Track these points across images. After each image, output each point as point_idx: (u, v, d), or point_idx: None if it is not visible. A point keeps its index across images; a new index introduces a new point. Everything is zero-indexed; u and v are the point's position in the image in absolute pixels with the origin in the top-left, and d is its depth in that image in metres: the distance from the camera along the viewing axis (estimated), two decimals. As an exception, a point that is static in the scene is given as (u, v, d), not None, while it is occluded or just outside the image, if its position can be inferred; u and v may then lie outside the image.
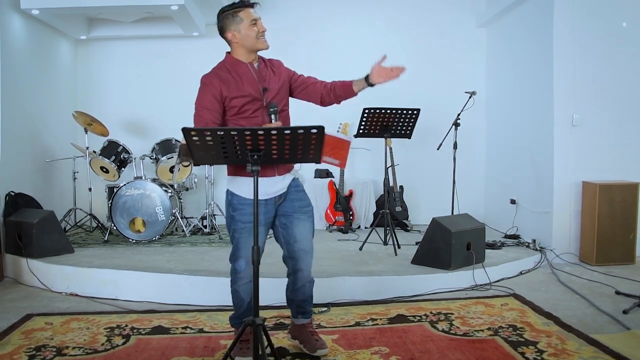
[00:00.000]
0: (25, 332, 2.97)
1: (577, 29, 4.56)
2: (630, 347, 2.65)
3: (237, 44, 2.51)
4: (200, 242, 4.88)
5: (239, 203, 2.49)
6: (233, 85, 2.44)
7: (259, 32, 2.48)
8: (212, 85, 2.44)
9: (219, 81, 2.44)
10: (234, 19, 2.47)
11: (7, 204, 4.45)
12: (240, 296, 2.62)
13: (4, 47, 4.54)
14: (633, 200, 4.42)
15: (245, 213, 2.46)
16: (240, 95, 2.44)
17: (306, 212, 2.58)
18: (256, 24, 2.48)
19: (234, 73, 2.48)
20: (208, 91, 2.44)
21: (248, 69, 2.51)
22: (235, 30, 2.48)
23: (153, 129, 6.00)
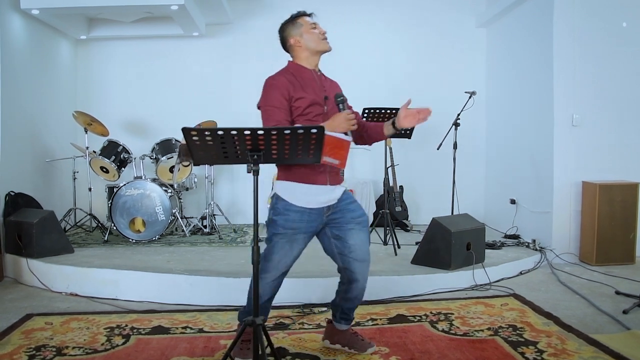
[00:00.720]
0: (25, 332, 2.97)
1: (577, 29, 4.56)
2: (630, 347, 2.65)
3: (301, 47, 2.52)
4: (200, 242, 4.88)
5: (284, 208, 2.41)
6: (298, 87, 2.44)
7: (321, 34, 2.54)
8: (280, 85, 2.42)
9: (286, 81, 2.43)
10: (294, 25, 2.54)
11: (7, 203, 4.45)
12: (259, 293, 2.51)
13: (4, 47, 4.54)
14: (633, 200, 4.42)
15: (289, 219, 2.40)
16: (304, 97, 2.43)
17: (360, 222, 2.53)
18: (316, 27, 2.55)
19: (299, 77, 2.48)
20: (276, 90, 2.41)
21: (312, 74, 2.52)
22: (297, 36, 2.52)
23: (153, 128, 6.00)
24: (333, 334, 2.73)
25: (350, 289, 2.58)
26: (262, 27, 6.05)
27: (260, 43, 6.07)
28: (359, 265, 2.52)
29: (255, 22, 6.06)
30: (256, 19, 6.06)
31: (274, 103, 2.40)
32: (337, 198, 2.48)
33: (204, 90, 6.08)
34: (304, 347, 2.77)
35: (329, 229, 2.51)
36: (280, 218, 2.41)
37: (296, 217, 2.40)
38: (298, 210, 2.40)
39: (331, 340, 2.74)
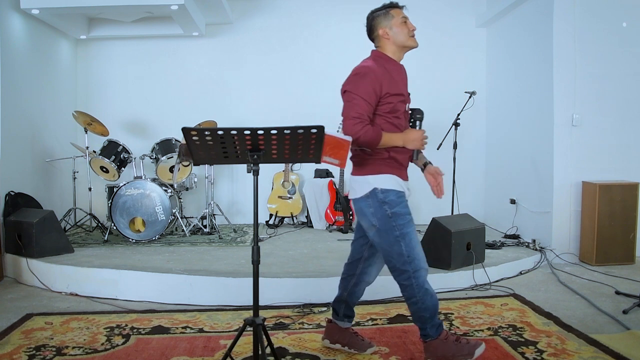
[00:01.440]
0: (25, 332, 2.97)
1: (577, 29, 4.56)
2: (630, 347, 2.65)
3: (388, 40, 2.47)
4: (200, 242, 4.88)
5: (398, 197, 2.44)
6: (391, 82, 2.39)
7: (410, 30, 2.49)
8: (376, 78, 2.34)
9: (381, 73, 2.37)
10: (385, 16, 2.48)
11: (7, 203, 4.45)
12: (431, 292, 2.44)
13: (4, 47, 4.54)
14: (633, 200, 4.42)
15: (406, 205, 2.46)
16: (396, 93, 2.40)
17: None
18: (406, 22, 2.50)
19: (390, 69, 2.43)
20: (369, 82, 2.33)
21: (400, 68, 2.49)
22: (387, 27, 2.47)
23: (153, 128, 6.01)
24: (333, 333, 2.74)
25: (360, 281, 2.63)
26: (262, 27, 6.06)
27: (260, 43, 6.08)
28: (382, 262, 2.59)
29: (255, 22, 6.06)
30: (256, 19, 6.06)
31: (363, 94, 2.33)
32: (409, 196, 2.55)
33: (204, 90, 6.08)
34: (304, 347, 2.77)
35: None
36: (400, 207, 2.43)
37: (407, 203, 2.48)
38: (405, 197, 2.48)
39: (331, 340, 2.74)
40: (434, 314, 2.44)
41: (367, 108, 2.33)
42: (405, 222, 2.41)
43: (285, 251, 4.52)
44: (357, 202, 2.50)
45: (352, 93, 2.35)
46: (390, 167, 2.46)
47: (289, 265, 4.00)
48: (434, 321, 2.44)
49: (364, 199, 2.45)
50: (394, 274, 2.46)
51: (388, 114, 2.41)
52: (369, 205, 2.44)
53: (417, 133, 2.42)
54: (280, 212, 5.82)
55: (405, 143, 2.41)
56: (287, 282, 3.57)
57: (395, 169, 2.48)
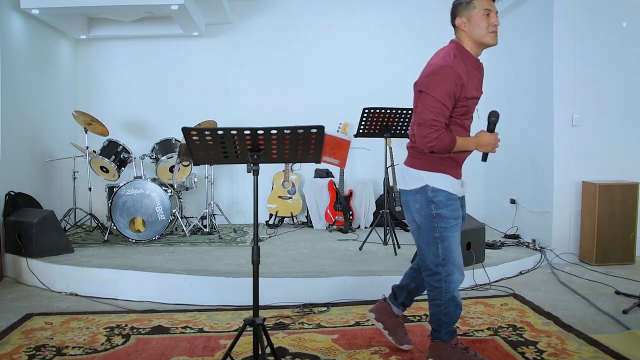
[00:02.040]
0: (25, 332, 2.97)
1: (577, 29, 4.56)
2: (630, 347, 2.65)
3: (465, 33, 2.29)
4: (200, 241, 4.88)
5: (448, 199, 2.31)
6: (470, 84, 2.24)
7: (491, 25, 2.25)
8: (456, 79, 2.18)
9: (460, 75, 2.20)
10: (467, 5, 2.26)
11: (7, 203, 4.45)
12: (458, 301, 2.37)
13: (4, 47, 4.54)
14: (633, 200, 4.42)
15: (455, 208, 2.33)
16: (473, 96, 2.28)
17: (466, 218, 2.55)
18: (489, 15, 2.24)
19: (469, 68, 2.26)
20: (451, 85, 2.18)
21: (479, 66, 2.32)
22: (465, 17, 2.27)
23: (153, 128, 6.01)
24: (382, 313, 2.71)
25: None
26: (262, 27, 6.06)
27: (260, 43, 6.08)
28: None
29: (256, 22, 6.06)
30: (256, 19, 6.06)
31: (440, 97, 2.18)
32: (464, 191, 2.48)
33: (204, 90, 6.08)
34: (304, 347, 2.77)
35: None
36: (447, 210, 2.31)
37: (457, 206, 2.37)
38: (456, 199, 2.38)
39: (377, 317, 2.72)
40: (452, 321, 2.40)
41: (444, 112, 2.20)
42: (448, 225, 2.32)
43: (285, 251, 4.52)
44: (405, 194, 2.44)
45: (429, 95, 2.20)
46: (446, 165, 2.35)
47: (289, 265, 4.00)
48: (451, 327, 2.42)
49: (412, 193, 2.37)
50: (426, 273, 2.42)
51: (460, 116, 2.31)
52: (415, 201, 2.36)
53: (490, 137, 2.30)
54: (280, 212, 5.82)
55: (478, 147, 2.32)
56: (287, 282, 3.57)
57: (451, 167, 2.38)
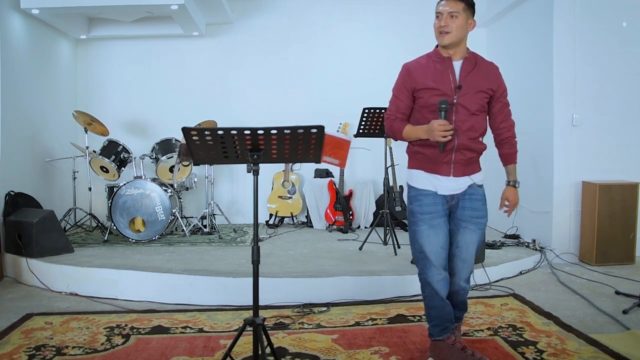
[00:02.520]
0: (25, 332, 2.97)
1: (577, 29, 4.56)
2: (629, 347, 2.65)
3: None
4: (200, 241, 4.88)
5: (417, 194, 2.47)
6: (427, 77, 2.41)
7: (438, 26, 2.47)
8: (404, 74, 2.47)
9: (412, 71, 2.45)
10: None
11: (7, 203, 4.45)
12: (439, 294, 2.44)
13: (4, 47, 4.54)
14: (633, 200, 4.42)
15: (423, 204, 2.43)
16: (428, 88, 2.39)
17: (477, 223, 2.49)
18: (438, 17, 2.47)
19: (433, 65, 2.45)
20: (400, 79, 2.48)
21: (446, 63, 2.46)
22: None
23: (153, 128, 6.01)
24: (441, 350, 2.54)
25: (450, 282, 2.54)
26: (262, 26, 6.06)
27: (260, 43, 6.08)
28: (459, 262, 2.49)
29: (256, 22, 6.06)
30: (256, 18, 6.06)
31: (396, 91, 2.49)
32: (461, 189, 2.47)
33: (204, 90, 6.08)
34: (304, 347, 2.77)
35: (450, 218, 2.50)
36: (415, 205, 2.46)
37: (430, 201, 2.43)
38: (430, 194, 2.44)
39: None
40: (439, 316, 2.47)
41: (396, 103, 2.48)
42: (415, 220, 2.46)
43: (285, 251, 4.52)
44: None
45: (393, 90, 2.52)
46: (418, 161, 2.50)
47: (288, 265, 4.00)
48: (440, 323, 2.48)
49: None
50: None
51: (422, 108, 2.44)
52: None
53: (434, 124, 2.33)
54: (280, 212, 5.82)
55: (427, 134, 2.36)
56: (287, 282, 3.57)
57: (424, 162, 2.46)
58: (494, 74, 2.60)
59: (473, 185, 2.50)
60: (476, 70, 2.49)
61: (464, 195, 2.48)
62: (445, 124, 2.31)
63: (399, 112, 2.48)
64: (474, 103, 2.42)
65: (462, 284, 2.54)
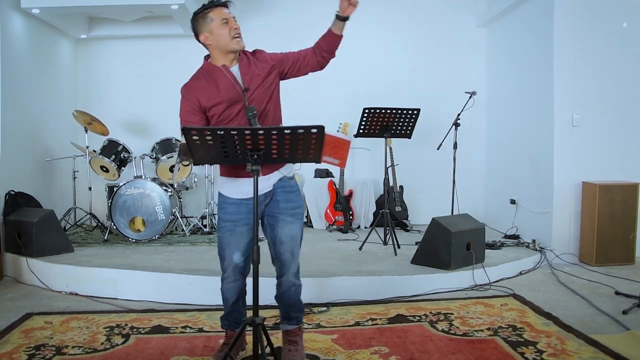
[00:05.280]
0: (24, 331, 2.97)
1: (577, 29, 4.56)
2: (629, 348, 2.65)
3: (211, 46, 2.41)
4: (200, 241, 4.88)
5: (222, 202, 2.47)
6: (211, 93, 2.35)
7: (232, 30, 2.36)
8: (189, 97, 2.38)
9: (195, 91, 2.37)
10: (204, 20, 2.36)
11: (7, 203, 4.45)
12: (224, 296, 2.55)
13: (4, 46, 4.54)
14: (633, 201, 4.41)
15: (227, 212, 2.44)
16: (217, 102, 2.34)
17: (293, 214, 2.45)
18: (228, 22, 2.35)
19: (210, 79, 2.38)
20: (185, 103, 2.38)
21: (223, 73, 2.38)
22: (207, 32, 2.37)
23: (153, 128, 6.00)
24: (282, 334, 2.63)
25: (280, 282, 2.52)
26: (262, 26, 6.05)
27: (260, 42, 6.05)
28: (286, 256, 2.46)
29: (255, 22, 6.05)
30: (256, 18, 6.05)
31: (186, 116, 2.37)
32: (271, 185, 2.42)
33: (204, 89, 6.07)
34: (304, 346, 2.76)
35: (266, 218, 2.48)
36: (220, 212, 2.48)
37: (233, 209, 2.43)
38: (234, 202, 2.43)
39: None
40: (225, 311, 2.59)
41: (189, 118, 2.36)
42: (219, 226, 2.48)
43: (285, 251, 4.51)
44: None
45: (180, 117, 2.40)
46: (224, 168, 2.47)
47: (288, 265, 4.00)
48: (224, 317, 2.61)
49: None
50: None
51: (219, 122, 2.37)
52: None
53: None
54: (280, 212, 5.81)
55: None
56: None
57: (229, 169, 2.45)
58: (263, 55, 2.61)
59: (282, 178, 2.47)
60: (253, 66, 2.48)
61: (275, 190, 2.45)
62: None
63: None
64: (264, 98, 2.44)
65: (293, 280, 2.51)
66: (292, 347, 2.54)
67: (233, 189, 2.44)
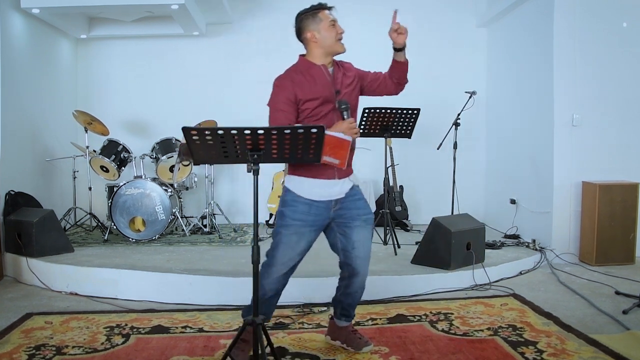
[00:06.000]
0: (25, 331, 2.97)
1: (577, 29, 4.56)
2: (629, 348, 2.65)
3: (316, 44, 2.49)
4: (200, 241, 4.88)
5: (293, 200, 2.46)
6: (307, 88, 2.42)
7: (338, 34, 2.49)
8: (285, 88, 2.42)
9: (292, 83, 2.42)
10: (313, 19, 2.48)
11: (7, 203, 4.45)
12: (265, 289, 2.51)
13: (4, 46, 4.54)
14: (633, 201, 4.42)
15: (297, 211, 2.44)
16: (313, 97, 2.41)
17: (366, 219, 2.55)
18: (335, 25, 2.48)
19: (308, 76, 2.46)
20: (281, 93, 2.42)
21: (322, 71, 2.48)
22: (314, 30, 2.47)
23: (153, 128, 6.00)
24: (334, 331, 2.76)
25: (350, 284, 2.62)
26: (263, 26, 6.06)
27: (260, 42, 6.08)
28: (359, 261, 2.55)
29: (256, 22, 6.06)
30: (257, 18, 6.06)
31: (279, 106, 2.41)
32: (344, 191, 2.51)
33: (204, 89, 6.08)
34: (304, 346, 2.77)
35: (335, 224, 2.54)
36: (287, 209, 2.45)
37: (304, 209, 2.44)
38: (305, 203, 2.44)
39: (332, 337, 2.77)
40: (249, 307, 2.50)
41: (284, 117, 2.39)
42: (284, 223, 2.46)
43: (285, 251, 4.51)
44: None
45: (270, 107, 2.44)
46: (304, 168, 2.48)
47: (289, 265, 4.00)
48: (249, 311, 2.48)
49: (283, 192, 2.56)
50: None
51: (308, 118, 2.44)
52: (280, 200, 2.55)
53: (343, 124, 2.39)
54: (280, 212, 5.81)
55: None
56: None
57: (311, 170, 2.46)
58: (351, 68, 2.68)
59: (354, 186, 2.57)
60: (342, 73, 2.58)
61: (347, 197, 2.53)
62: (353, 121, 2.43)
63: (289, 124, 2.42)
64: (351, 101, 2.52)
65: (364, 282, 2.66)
66: (360, 335, 2.72)
67: (309, 189, 2.45)
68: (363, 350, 2.67)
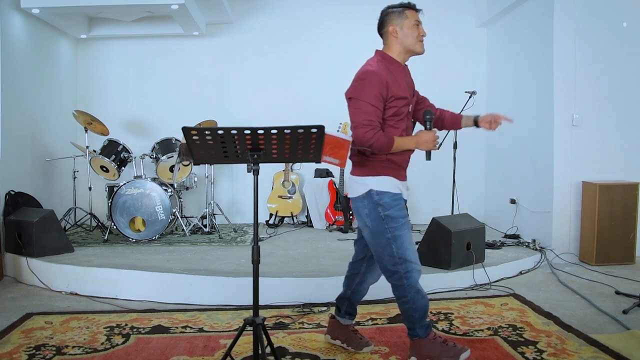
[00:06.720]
0: (25, 331, 2.97)
1: (577, 29, 4.56)
2: (629, 347, 2.65)
3: (396, 39, 2.46)
4: (200, 241, 4.88)
5: (393, 199, 2.43)
6: (396, 85, 2.37)
7: (420, 35, 2.46)
8: (380, 82, 2.32)
9: (387, 78, 2.35)
10: (400, 15, 2.45)
11: (7, 203, 4.45)
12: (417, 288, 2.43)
13: (4, 46, 4.54)
14: (633, 200, 4.42)
15: (401, 208, 2.44)
16: (401, 96, 2.38)
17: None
18: (418, 26, 2.46)
19: (394, 72, 2.41)
20: (375, 88, 2.32)
21: (403, 69, 2.46)
22: (397, 26, 2.44)
23: (153, 128, 6.01)
24: (334, 329, 2.77)
25: (363, 280, 2.68)
26: (263, 26, 6.06)
27: (260, 42, 6.08)
28: None
29: (256, 22, 6.06)
30: (256, 18, 6.06)
31: (372, 100, 2.33)
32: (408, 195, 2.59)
33: (204, 89, 6.08)
34: (304, 346, 2.77)
35: None
36: (394, 210, 2.42)
37: (402, 205, 2.47)
38: (401, 198, 2.48)
39: (332, 335, 2.77)
40: (423, 315, 2.47)
41: (376, 113, 2.33)
42: (397, 225, 2.41)
43: (285, 251, 4.52)
44: (354, 202, 2.54)
45: (358, 99, 2.35)
46: (387, 168, 2.47)
47: (289, 265, 4.00)
48: (423, 322, 2.48)
49: (360, 199, 2.47)
50: (386, 274, 2.50)
51: (392, 117, 2.41)
52: (364, 206, 2.46)
53: (428, 134, 2.41)
54: (280, 212, 5.82)
55: (417, 145, 2.44)
56: (287, 281, 3.57)
57: (393, 170, 2.49)
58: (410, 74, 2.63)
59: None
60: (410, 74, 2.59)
61: None
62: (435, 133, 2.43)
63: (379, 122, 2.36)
64: None
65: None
66: (360, 335, 2.73)
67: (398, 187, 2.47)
68: (363, 350, 2.68)
